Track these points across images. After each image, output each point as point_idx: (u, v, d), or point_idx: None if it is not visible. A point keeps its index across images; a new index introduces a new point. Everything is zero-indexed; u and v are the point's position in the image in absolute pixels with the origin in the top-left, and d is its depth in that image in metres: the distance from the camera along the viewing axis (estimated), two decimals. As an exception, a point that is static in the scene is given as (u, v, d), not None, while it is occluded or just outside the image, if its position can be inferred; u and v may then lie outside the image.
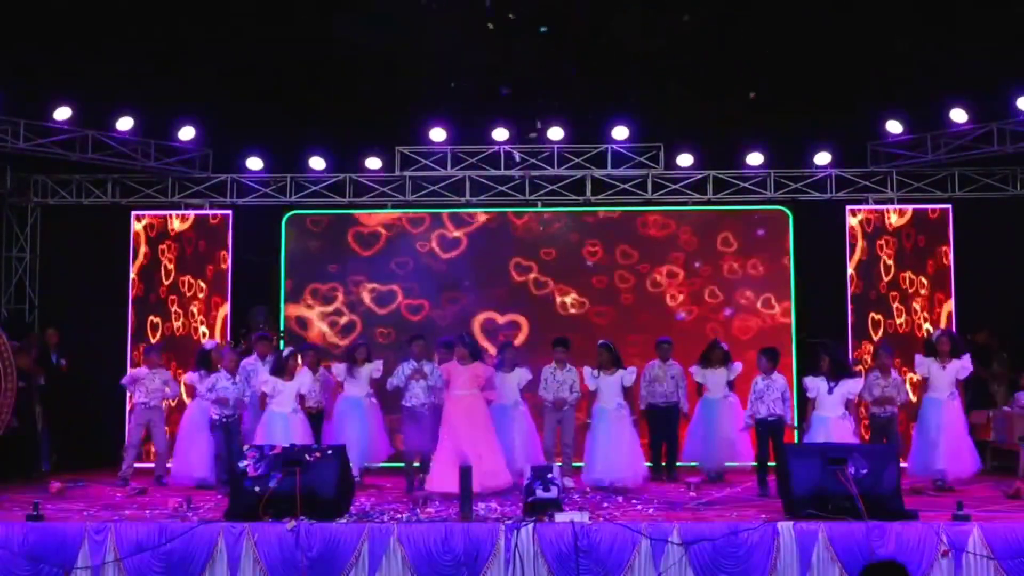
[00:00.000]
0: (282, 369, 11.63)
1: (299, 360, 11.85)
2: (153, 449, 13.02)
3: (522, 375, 12.39)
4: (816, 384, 11.09)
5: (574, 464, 12.24)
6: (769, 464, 11.12)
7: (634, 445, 12.01)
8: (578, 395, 12.41)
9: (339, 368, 12.55)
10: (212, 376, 11.90)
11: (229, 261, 14.94)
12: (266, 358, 12.54)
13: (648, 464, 12.51)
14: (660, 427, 12.89)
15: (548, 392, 12.34)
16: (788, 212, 14.78)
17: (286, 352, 11.97)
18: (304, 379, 11.73)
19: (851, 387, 11.05)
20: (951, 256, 14.54)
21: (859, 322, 14.51)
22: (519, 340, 14.47)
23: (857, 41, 13.68)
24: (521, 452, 11.82)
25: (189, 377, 12.53)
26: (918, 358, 12.11)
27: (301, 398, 11.76)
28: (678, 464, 12.81)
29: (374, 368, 12.56)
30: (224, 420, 11.61)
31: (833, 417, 10.89)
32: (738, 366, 12.86)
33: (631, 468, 11.76)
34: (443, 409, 11.71)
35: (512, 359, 12.48)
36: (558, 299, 14.80)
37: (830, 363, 11.10)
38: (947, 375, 11.75)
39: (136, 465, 12.99)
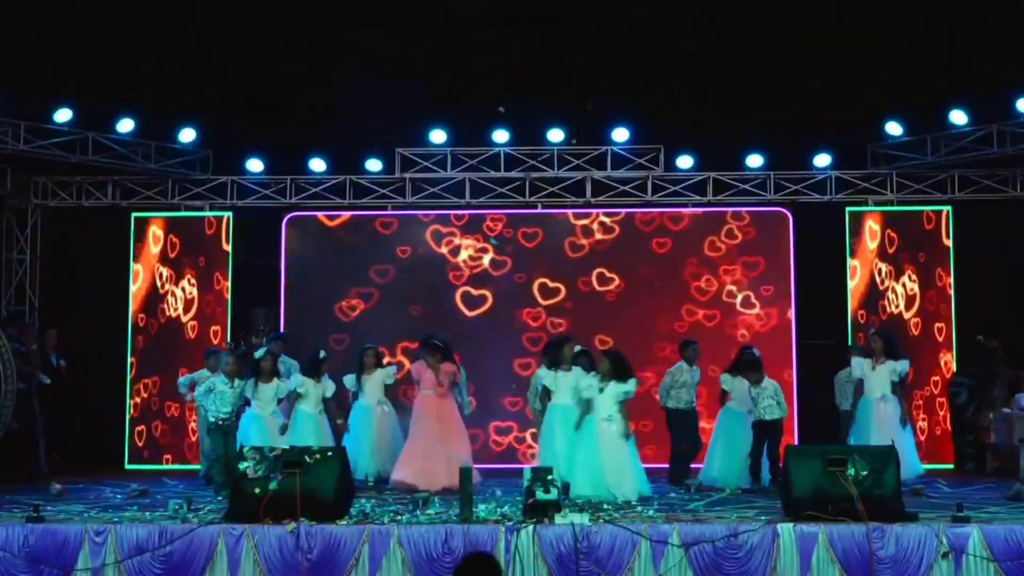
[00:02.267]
0: (313, 370, 11.95)
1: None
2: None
3: (579, 374, 11.46)
4: (591, 383, 11.09)
5: None
6: None
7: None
8: None
9: (348, 379, 12.37)
10: (209, 379, 11.91)
11: (229, 263, 14.95)
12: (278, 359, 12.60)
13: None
14: (686, 431, 12.38)
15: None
16: (788, 214, 14.78)
17: (319, 354, 12.15)
18: (328, 382, 12.03)
19: (626, 388, 10.94)
20: (951, 258, 14.54)
21: (859, 324, 14.51)
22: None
23: (857, 42, 13.70)
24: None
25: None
26: (854, 359, 12.02)
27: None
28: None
29: (386, 375, 12.30)
30: (221, 423, 11.62)
31: (600, 419, 10.89)
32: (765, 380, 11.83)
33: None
34: (413, 407, 11.89)
35: (570, 355, 11.57)
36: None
37: (610, 365, 11.01)
38: (879, 376, 11.63)
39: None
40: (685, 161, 14.70)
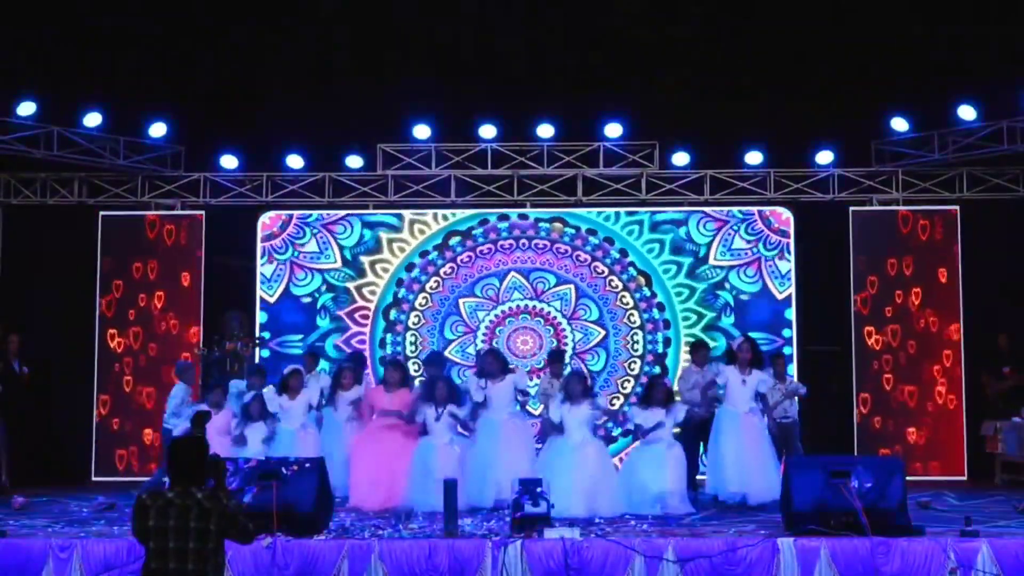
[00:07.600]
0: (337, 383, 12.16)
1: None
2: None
3: (517, 380, 11.63)
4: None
5: None
6: None
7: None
8: None
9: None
10: (273, 393, 11.94)
11: (202, 264, 14.91)
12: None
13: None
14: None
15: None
16: (789, 213, 14.81)
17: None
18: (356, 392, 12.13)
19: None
20: (959, 259, 14.58)
21: (862, 327, 14.55)
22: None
23: (861, 35, 13.74)
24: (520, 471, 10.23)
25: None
26: (717, 366, 11.62)
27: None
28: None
29: (360, 392, 12.16)
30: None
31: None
32: (679, 409, 11.35)
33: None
34: (365, 430, 11.76)
35: (500, 367, 11.71)
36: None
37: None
38: (748, 388, 11.30)
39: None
40: (681, 158, 14.70)
